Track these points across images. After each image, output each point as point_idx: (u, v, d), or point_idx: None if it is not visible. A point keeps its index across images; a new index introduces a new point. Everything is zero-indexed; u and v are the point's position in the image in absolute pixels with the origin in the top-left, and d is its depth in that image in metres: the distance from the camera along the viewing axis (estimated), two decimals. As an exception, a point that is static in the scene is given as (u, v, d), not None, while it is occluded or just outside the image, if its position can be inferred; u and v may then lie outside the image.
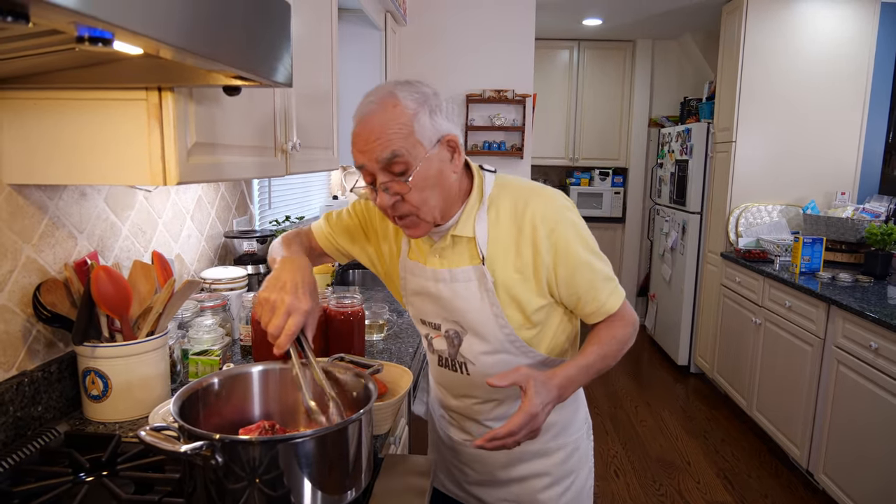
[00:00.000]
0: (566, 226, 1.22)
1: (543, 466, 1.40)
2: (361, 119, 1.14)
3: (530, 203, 1.23)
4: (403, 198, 1.15)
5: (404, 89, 1.15)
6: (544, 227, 1.21)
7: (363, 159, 1.14)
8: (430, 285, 1.29)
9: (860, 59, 3.94)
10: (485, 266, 1.23)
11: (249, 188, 2.50)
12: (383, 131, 1.11)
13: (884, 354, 2.50)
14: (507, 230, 1.23)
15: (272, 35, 1.02)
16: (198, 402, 1.08)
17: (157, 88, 1.09)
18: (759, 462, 3.44)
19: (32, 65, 0.97)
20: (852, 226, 3.49)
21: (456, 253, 1.26)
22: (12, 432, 1.23)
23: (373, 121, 1.12)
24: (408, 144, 1.12)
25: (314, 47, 1.89)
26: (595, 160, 5.90)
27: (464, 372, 1.34)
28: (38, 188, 1.31)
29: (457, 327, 1.30)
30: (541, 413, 1.13)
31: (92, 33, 0.60)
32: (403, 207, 1.16)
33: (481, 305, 1.25)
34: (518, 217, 1.22)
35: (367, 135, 1.13)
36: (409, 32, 3.80)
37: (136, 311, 1.39)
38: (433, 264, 1.28)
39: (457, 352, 1.32)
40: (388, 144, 1.11)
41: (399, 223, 1.21)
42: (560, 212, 1.23)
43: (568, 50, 5.77)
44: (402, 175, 1.13)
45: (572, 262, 1.22)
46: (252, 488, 0.91)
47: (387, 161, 1.12)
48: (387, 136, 1.11)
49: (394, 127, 1.11)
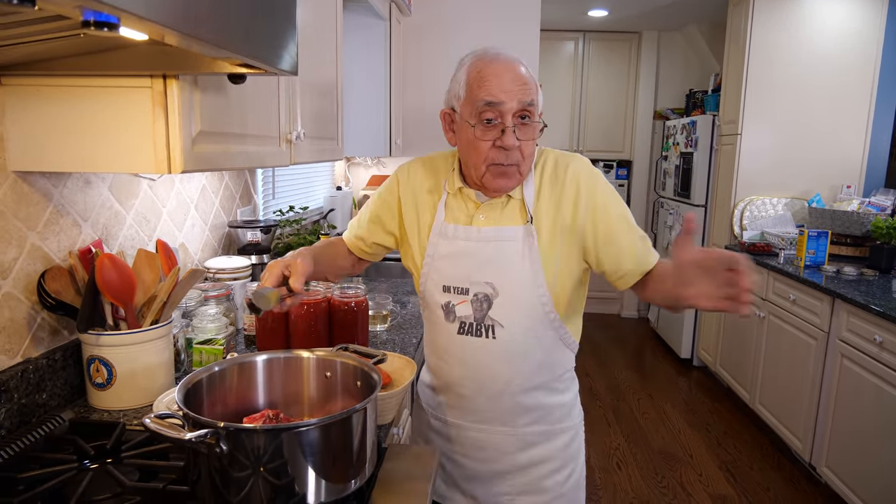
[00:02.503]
0: (603, 185, 1.31)
1: (549, 451, 1.40)
2: (503, 61, 1.23)
3: (572, 163, 1.32)
4: (521, 145, 1.24)
5: None
6: (585, 184, 1.29)
7: (505, 97, 1.21)
8: (472, 245, 1.31)
9: (867, 51, 3.91)
10: (532, 225, 1.29)
11: (253, 178, 2.50)
12: (530, 79, 1.24)
13: (888, 348, 2.49)
14: (549, 189, 1.30)
15: (277, 22, 1.01)
16: (202, 391, 1.08)
17: (162, 76, 1.08)
18: (761, 455, 3.45)
19: (37, 51, 0.96)
20: (858, 219, 3.47)
21: (505, 213, 1.31)
22: (17, 419, 1.23)
23: (518, 67, 1.23)
24: (538, 100, 1.26)
25: (319, 36, 1.88)
26: (599, 152, 5.88)
27: (490, 335, 1.32)
28: (43, 176, 1.30)
29: (488, 289, 1.30)
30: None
31: (98, 18, 0.60)
32: (515, 156, 1.24)
33: (521, 264, 1.29)
34: (560, 175, 1.30)
35: (514, 76, 1.22)
36: (413, 22, 3.78)
37: (141, 300, 1.39)
38: (478, 223, 1.32)
39: (485, 315, 1.31)
40: (530, 92, 1.23)
41: (498, 170, 1.25)
42: (598, 174, 1.33)
43: (573, 41, 5.74)
44: (527, 119, 1.24)
45: (613, 218, 1.29)
46: (256, 476, 0.91)
47: (527, 105, 1.22)
48: (530, 85, 1.23)
49: (533, 81, 1.25)
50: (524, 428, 1.38)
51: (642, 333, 5.57)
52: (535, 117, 1.25)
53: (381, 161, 4.15)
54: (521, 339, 1.31)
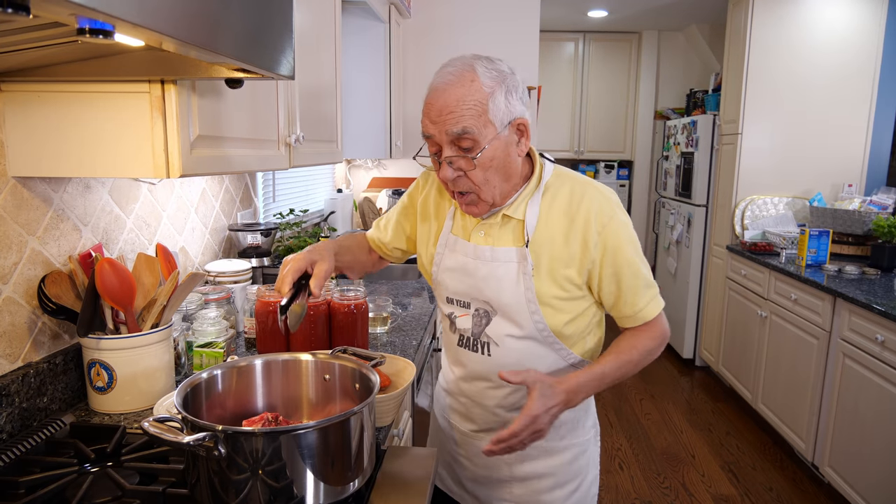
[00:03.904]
0: (618, 224, 1.23)
1: (549, 466, 1.37)
2: (437, 88, 1.14)
3: (587, 195, 1.23)
4: (466, 174, 1.16)
5: (484, 64, 1.14)
6: (598, 221, 1.21)
7: (433, 130, 1.15)
8: (469, 262, 1.29)
9: (868, 50, 3.90)
10: (528, 249, 1.23)
11: (254, 181, 2.50)
12: (458, 105, 1.12)
13: (890, 347, 2.49)
14: (558, 218, 1.23)
15: (274, 27, 1.02)
16: (201, 394, 1.09)
17: (160, 81, 1.09)
18: (763, 455, 3.44)
19: (36, 58, 0.97)
20: (859, 218, 3.47)
21: (503, 232, 1.26)
22: (18, 423, 1.24)
23: (448, 92, 1.12)
24: (479, 123, 1.12)
25: (318, 40, 1.89)
26: (600, 153, 5.88)
27: (485, 353, 1.31)
28: (43, 181, 1.31)
29: (487, 307, 1.29)
30: (543, 415, 1.13)
31: (92, 25, 0.61)
32: (464, 184, 1.18)
33: (516, 288, 1.24)
34: (573, 207, 1.23)
35: (440, 106, 1.13)
36: (413, 25, 3.78)
37: (141, 304, 1.40)
38: (476, 240, 1.28)
39: (482, 331, 1.31)
40: (460, 120, 1.12)
41: (458, 199, 1.23)
42: (614, 210, 1.24)
43: (573, 42, 5.74)
44: (468, 151, 1.14)
45: (620, 261, 1.23)
46: (255, 479, 0.91)
47: (456, 136, 1.13)
48: (460, 111, 1.11)
49: (469, 103, 1.12)
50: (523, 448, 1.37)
51: (644, 334, 5.55)
52: (476, 145, 1.13)
53: (381, 163, 4.15)
54: (517, 357, 1.28)
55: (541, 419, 1.13)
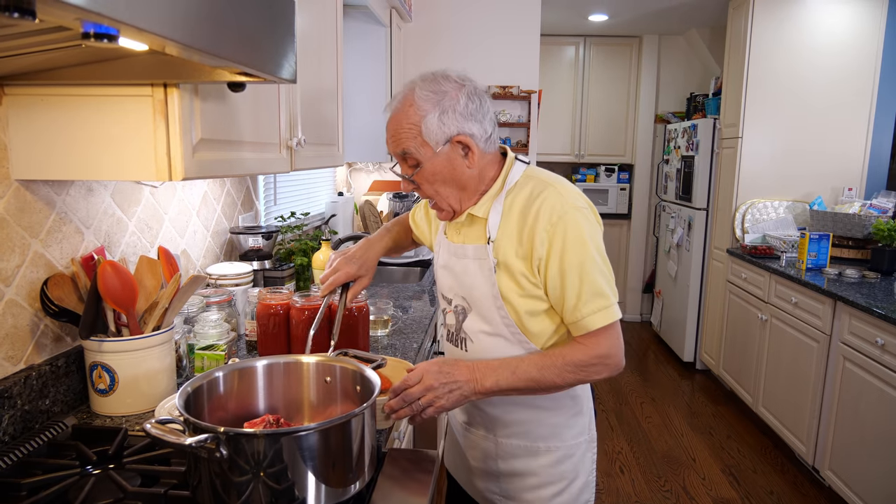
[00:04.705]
0: (569, 224, 1.20)
1: (531, 466, 1.38)
2: (389, 113, 1.27)
3: (543, 194, 1.24)
4: (419, 187, 1.28)
5: (425, 87, 1.22)
6: (546, 219, 1.20)
7: (390, 150, 1.29)
8: (451, 259, 1.37)
9: (868, 54, 3.91)
10: (489, 247, 1.27)
11: (255, 184, 2.51)
12: (398, 129, 1.24)
13: (890, 350, 2.49)
14: (516, 217, 1.26)
15: (276, 31, 1.02)
16: (203, 396, 1.09)
17: (163, 85, 1.10)
18: (764, 458, 3.44)
19: (40, 61, 0.98)
20: (859, 221, 3.47)
21: (472, 231, 1.33)
22: (20, 425, 1.24)
23: (394, 117, 1.25)
24: (416, 144, 1.23)
25: (319, 43, 1.89)
26: (601, 156, 5.88)
27: (464, 348, 1.37)
28: (46, 183, 1.32)
29: (464, 303, 1.35)
30: (437, 374, 1.18)
31: (97, 29, 0.61)
32: (423, 194, 1.30)
33: (483, 284, 1.29)
34: (528, 205, 1.24)
35: (391, 130, 1.26)
36: (414, 29, 3.80)
37: (143, 306, 1.40)
38: (453, 238, 1.38)
39: (460, 327, 1.37)
40: (400, 142, 1.24)
41: (431, 204, 1.34)
42: (568, 210, 1.21)
43: (574, 46, 5.75)
44: (414, 168, 1.26)
45: (567, 261, 1.20)
46: (256, 481, 0.92)
47: (400, 156, 1.27)
48: (399, 135, 1.24)
49: (405, 126, 1.23)
50: (504, 439, 1.39)
51: (645, 337, 5.56)
52: (418, 163, 1.24)
53: (382, 166, 4.16)
54: (490, 354, 1.30)
55: (433, 378, 1.18)
